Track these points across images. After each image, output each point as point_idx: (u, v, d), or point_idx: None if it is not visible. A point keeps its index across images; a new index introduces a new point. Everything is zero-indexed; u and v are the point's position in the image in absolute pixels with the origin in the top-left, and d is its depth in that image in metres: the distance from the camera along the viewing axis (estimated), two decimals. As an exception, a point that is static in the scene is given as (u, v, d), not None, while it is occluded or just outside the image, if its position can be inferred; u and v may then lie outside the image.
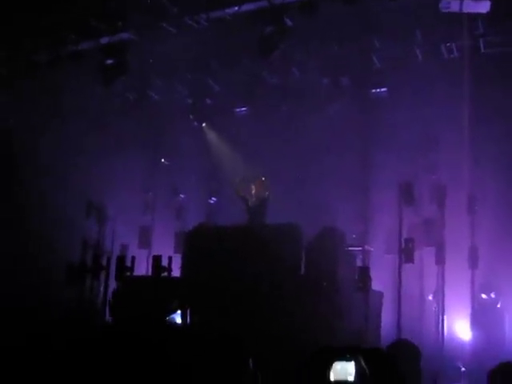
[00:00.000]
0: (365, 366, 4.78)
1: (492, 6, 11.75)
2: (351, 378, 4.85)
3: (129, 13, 14.54)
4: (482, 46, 14.44)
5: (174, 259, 13.47)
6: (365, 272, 13.55)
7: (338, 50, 15.63)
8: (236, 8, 13.79)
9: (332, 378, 4.86)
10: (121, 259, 14.00)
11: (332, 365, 4.82)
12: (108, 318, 12.43)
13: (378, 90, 16.62)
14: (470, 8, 11.97)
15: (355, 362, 4.86)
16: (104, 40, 15.14)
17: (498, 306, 13.71)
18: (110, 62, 15.03)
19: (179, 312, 10.28)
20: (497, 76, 14.27)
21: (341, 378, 4.86)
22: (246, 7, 13.67)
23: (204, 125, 19.17)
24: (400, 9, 13.38)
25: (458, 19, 13.20)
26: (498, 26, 14.01)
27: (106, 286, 14.18)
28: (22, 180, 17.28)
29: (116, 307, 10.81)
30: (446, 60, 15.02)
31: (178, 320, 10.28)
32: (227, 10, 13.90)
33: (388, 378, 4.77)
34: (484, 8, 11.87)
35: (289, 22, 13.43)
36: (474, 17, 12.95)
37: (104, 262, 15.04)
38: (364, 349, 5.05)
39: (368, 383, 4.75)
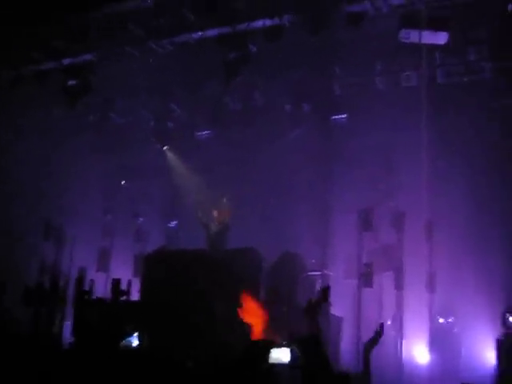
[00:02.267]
0: (297, 350, 5.63)
1: (449, 38, 12.07)
2: (286, 360, 5.76)
3: (92, 34, 14.54)
4: (438, 75, 14.80)
5: (132, 282, 13.33)
6: (325, 293, 13.63)
7: (300, 76, 15.86)
8: (200, 33, 13.91)
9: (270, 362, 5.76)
10: (79, 282, 13.78)
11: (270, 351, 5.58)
12: (66, 341, 12.22)
13: (339, 117, 16.84)
14: (428, 39, 12.28)
15: (290, 348, 5.76)
16: (67, 61, 15.08)
17: (455, 330, 13.87)
18: (72, 82, 14.97)
19: (136, 335, 10.16)
20: (453, 104, 14.64)
21: (276, 361, 5.78)
22: (210, 32, 13.83)
23: (165, 148, 19.12)
24: (361, 38, 13.70)
25: (417, 49, 13.54)
26: (454, 56, 14.42)
27: (63, 310, 13.93)
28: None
29: (75, 330, 10.64)
30: (404, 88, 15.32)
31: (135, 342, 10.15)
32: (191, 35, 14.00)
33: (315, 358, 5.49)
34: (442, 39, 12.22)
35: (252, 48, 13.59)
36: (432, 47, 13.28)
37: (62, 285, 14.78)
38: (297, 337, 5.84)
39: (300, 363, 5.55)
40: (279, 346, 5.84)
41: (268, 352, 5.33)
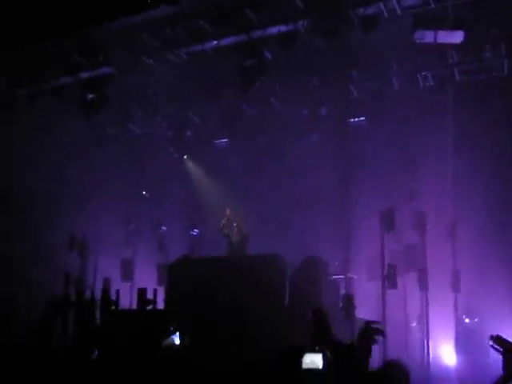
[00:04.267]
0: (330, 357, 5.54)
1: (465, 36, 12.02)
2: (320, 367, 5.64)
3: (109, 47, 14.69)
4: (456, 74, 14.76)
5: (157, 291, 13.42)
6: (349, 300, 13.62)
7: (317, 81, 15.90)
8: (216, 42, 13.99)
9: (303, 367, 5.67)
10: (105, 293, 13.90)
11: (303, 357, 5.49)
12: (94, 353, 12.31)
13: (357, 120, 16.85)
14: (443, 38, 12.23)
15: (322, 353, 5.64)
16: (85, 74, 15.24)
17: (482, 329, 13.78)
18: (90, 96, 15.13)
19: (177, 334, 10.26)
20: (472, 103, 14.57)
21: (311, 367, 5.68)
22: (225, 41, 13.89)
23: (185, 157, 19.24)
24: (376, 40, 13.67)
25: (432, 49, 13.52)
26: (471, 54, 14.37)
27: (91, 320, 14.04)
28: (8, 213, 17.24)
29: (103, 341, 10.71)
30: (422, 89, 15.30)
31: (177, 341, 10.26)
32: (207, 44, 14.10)
33: (350, 366, 5.50)
34: (458, 38, 12.15)
35: (268, 55, 13.65)
36: (448, 46, 13.25)
37: (88, 296, 14.91)
38: (330, 343, 5.78)
39: (333, 370, 5.48)
40: (313, 350, 5.81)
41: (301, 357, 5.32)
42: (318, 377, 5.51)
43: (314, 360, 5.68)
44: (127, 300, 16.27)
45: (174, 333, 8.79)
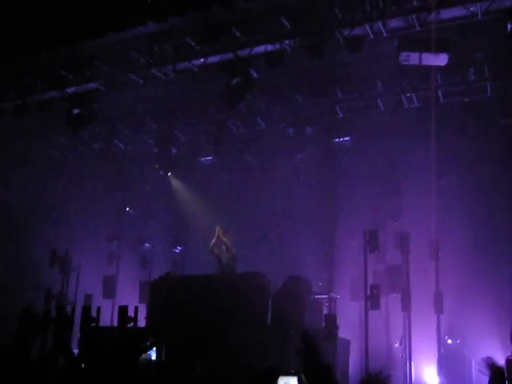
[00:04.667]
0: (305, 380, 5.22)
1: (450, 59, 12.14)
2: None
3: (97, 63, 14.67)
4: (441, 96, 14.90)
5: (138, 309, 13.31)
6: (331, 320, 13.58)
7: (302, 100, 15.97)
8: (202, 60, 14.00)
9: None
10: (86, 309, 13.77)
11: (277, 380, 5.23)
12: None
13: (342, 139, 16.91)
14: (428, 61, 12.33)
15: (298, 376, 5.40)
16: (71, 89, 15.19)
17: (464, 351, 13.78)
18: (76, 111, 15.07)
19: (154, 349, 10.21)
20: (456, 124, 14.71)
21: None
22: (212, 59, 13.88)
23: (169, 174, 19.20)
24: (362, 61, 13.81)
25: (417, 71, 13.64)
26: (455, 77, 14.52)
27: (69, 337, 13.88)
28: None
29: (82, 358, 10.60)
30: (406, 110, 15.41)
31: (154, 356, 10.21)
32: (194, 62, 14.09)
33: None
34: (442, 61, 12.25)
35: (254, 74, 13.68)
36: (433, 69, 13.36)
37: (68, 312, 14.75)
38: (305, 365, 5.43)
39: None
40: (287, 373, 5.69)
41: (275, 380, 5.20)
42: None
43: (288, 383, 5.58)
44: (108, 317, 16.14)
45: (151, 348, 8.73)
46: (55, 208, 18.01)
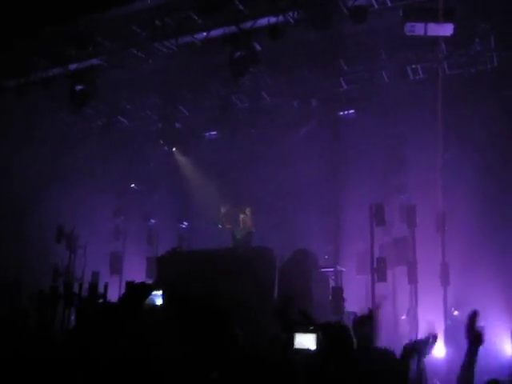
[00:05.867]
0: (322, 337, 5.40)
1: (455, 29, 12.00)
2: (312, 347, 5.71)
3: (98, 39, 14.55)
4: (446, 67, 14.76)
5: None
6: (338, 293, 13.64)
7: (307, 73, 15.84)
8: (205, 33, 13.86)
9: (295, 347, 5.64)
10: (93, 286, 13.82)
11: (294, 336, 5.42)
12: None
13: (346, 112, 16.82)
14: (433, 31, 12.19)
15: (316, 334, 5.66)
16: (73, 66, 15.09)
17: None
18: (79, 87, 14.99)
19: (160, 293, 10.11)
20: (462, 96, 14.58)
21: (302, 347, 5.74)
22: (214, 32, 13.74)
23: (174, 149, 19.16)
24: (366, 33, 13.64)
25: (422, 42, 13.49)
26: (461, 47, 14.36)
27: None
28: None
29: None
30: (411, 81, 15.29)
31: (159, 302, 10.14)
32: (196, 36, 13.96)
33: (341, 347, 5.22)
34: (448, 31, 12.11)
35: (258, 47, 13.55)
36: (438, 39, 13.22)
37: (76, 289, 14.81)
38: (322, 324, 5.59)
39: (325, 351, 5.33)
40: (304, 331, 5.73)
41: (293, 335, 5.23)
42: (310, 359, 5.45)
43: (305, 341, 5.61)
44: (116, 293, 16.21)
45: (154, 292, 8.44)
46: (60, 185, 17.98)
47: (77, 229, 16.95)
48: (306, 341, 5.76)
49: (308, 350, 5.67)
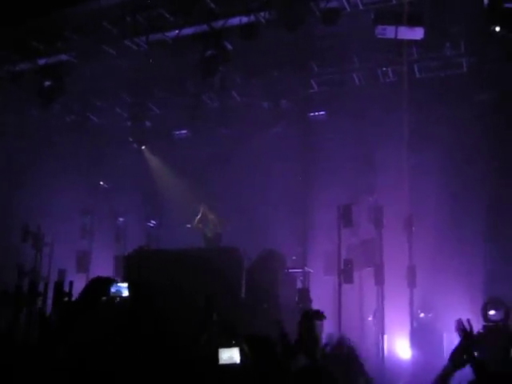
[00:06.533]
0: (247, 351, 5.33)
1: (426, 33, 12.09)
2: (237, 361, 5.58)
3: (67, 34, 14.36)
4: (416, 70, 14.87)
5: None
6: (305, 294, 13.66)
7: (278, 74, 15.83)
8: (176, 31, 13.76)
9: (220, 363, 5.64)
10: (58, 285, 13.64)
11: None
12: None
13: (317, 114, 16.86)
14: (404, 34, 12.27)
15: (240, 348, 5.55)
16: (42, 61, 14.87)
17: (436, 324, 13.91)
18: (47, 83, 14.77)
19: (126, 285, 9.96)
20: (432, 100, 14.72)
21: (227, 362, 5.64)
22: (186, 31, 13.65)
23: (143, 147, 19.03)
24: (337, 35, 13.69)
25: (393, 45, 13.57)
26: (431, 51, 14.48)
27: (43, 313, 13.77)
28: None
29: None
30: (382, 84, 15.38)
31: (125, 293, 9.97)
32: (167, 34, 13.85)
33: (268, 361, 5.18)
34: (418, 35, 12.19)
35: (229, 46, 13.50)
36: (408, 42, 13.31)
37: (41, 288, 14.62)
38: (247, 337, 5.55)
39: (251, 365, 5.26)
40: (229, 345, 5.73)
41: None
42: (236, 372, 5.46)
43: (231, 355, 5.62)
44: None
45: (120, 284, 8.29)
46: (27, 182, 17.74)
47: (43, 227, 16.73)
48: (230, 355, 5.78)
49: (234, 364, 5.68)
